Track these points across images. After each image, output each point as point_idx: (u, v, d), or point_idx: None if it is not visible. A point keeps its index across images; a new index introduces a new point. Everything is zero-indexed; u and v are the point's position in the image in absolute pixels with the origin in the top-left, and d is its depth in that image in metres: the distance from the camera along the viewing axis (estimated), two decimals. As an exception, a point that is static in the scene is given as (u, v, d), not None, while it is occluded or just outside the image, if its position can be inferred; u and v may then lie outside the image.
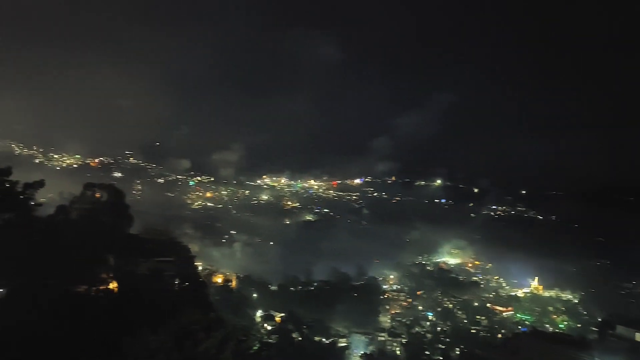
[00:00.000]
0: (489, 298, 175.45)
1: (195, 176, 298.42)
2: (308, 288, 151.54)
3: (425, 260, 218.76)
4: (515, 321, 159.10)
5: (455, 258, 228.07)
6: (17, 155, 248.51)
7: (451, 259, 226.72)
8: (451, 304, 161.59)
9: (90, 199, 65.72)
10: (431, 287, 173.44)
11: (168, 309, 42.95)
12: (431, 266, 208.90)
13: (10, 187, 53.79)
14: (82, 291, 52.21)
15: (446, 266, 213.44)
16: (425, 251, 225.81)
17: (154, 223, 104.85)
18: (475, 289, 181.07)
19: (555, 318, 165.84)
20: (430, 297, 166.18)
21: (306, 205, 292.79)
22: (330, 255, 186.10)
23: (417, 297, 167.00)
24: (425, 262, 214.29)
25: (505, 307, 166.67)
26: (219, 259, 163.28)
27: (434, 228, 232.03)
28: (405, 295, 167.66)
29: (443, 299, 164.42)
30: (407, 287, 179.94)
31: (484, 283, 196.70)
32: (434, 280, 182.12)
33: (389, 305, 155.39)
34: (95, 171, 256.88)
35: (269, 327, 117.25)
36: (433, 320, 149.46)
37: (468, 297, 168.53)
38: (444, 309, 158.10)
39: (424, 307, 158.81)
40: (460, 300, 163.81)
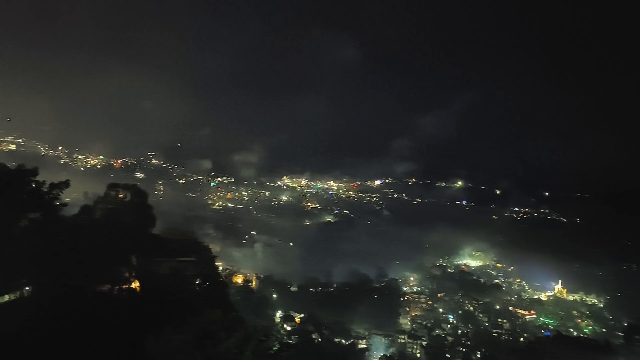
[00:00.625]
0: (511, 301, 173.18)
1: (216, 177, 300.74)
2: (328, 289, 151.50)
3: (446, 262, 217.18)
4: (538, 325, 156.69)
5: (476, 260, 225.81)
6: (43, 156, 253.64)
7: (472, 262, 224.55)
8: (472, 306, 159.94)
9: (114, 199, 66.65)
10: (452, 290, 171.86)
11: (189, 308, 43.35)
12: (452, 268, 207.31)
13: (36, 188, 55.00)
14: (105, 290, 53.01)
15: (467, 268, 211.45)
16: (446, 253, 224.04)
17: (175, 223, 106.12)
18: (497, 292, 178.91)
19: (580, 322, 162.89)
20: (451, 299, 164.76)
21: (326, 206, 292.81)
22: (350, 256, 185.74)
23: (437, 300, 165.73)
24: (446, 264, 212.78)
25: (528, 311, 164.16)
26: (240, 260, 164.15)
27: (455, 230, 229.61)
28: (425, 297, 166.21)
29: (464, 302, 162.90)
30: (428, 289, 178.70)
31: (506, 286, 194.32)
32: (455, 282, 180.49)
33: (409, 307, 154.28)
34: (118, 172, 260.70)
35: (288, 328, 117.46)
36: (454, 323, 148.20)
37: (490, 300, 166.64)
38: (465, 311, 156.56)
39: (445, 310, 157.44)
40: (482, 303, 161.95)
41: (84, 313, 41.57)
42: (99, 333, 40.16)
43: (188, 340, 30.29)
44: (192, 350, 29.58)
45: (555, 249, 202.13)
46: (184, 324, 31.88)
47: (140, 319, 43.82)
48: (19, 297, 46.09)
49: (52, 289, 45.65)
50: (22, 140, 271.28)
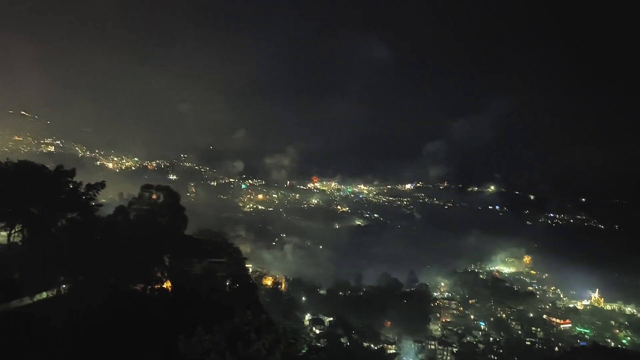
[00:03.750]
0: (545, 309, 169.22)
1: (247, 179, 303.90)
2: (357, 293, 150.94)
3: (478, 268, 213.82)
4: (574, 334, 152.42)
5: (509, 267, 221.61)
6: (81, 158, 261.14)
7: (505, 268, 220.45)
8: (505, 314, 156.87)
9: (148, 200, 67.85)
10: (484, 296, 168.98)
11: (220, 309, 43.63)
12: (484, 274, 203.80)
13: (74, 188, 56.41)
14: (139, 289, 53.95)
15: (500, 275, 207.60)
16: (478, 259, 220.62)
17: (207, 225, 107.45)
18: (531, 300, 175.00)
19: (618, 333, 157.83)
20: (483, 306, 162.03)
21: (356, 209, 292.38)
22: (380, 260, 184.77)
23: (469, 306, 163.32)
24: (478, 270, 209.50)
25: (563, 320, 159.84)
26: (270, 261, 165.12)
27: (488, 235, 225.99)
28: (456, 303, 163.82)
29: (496, 309, 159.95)
30: (459, 295, 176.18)
31: (541, 294, 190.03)
32: (487, 289, 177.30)
33: (440, 313, 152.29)
34: (152, 173, 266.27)
35: (317, 331, 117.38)
36: (485, 330, 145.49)
37: (523, 308, 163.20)
38: (497, 318, 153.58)
39: (476, 316, 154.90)
40: (515, 310, 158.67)
41: (118, 311, 42.35)
42: (132, 331, 40.86)
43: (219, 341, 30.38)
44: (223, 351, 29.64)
45: (592, 256, 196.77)
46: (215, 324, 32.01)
47: (172, 318, 44.37)
48: (56, 294, 47.27)
49: (88, 287, 46.69)
50: (61, 142, 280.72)
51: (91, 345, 38.17)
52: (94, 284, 46.83)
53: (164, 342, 34.62)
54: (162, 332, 39.37)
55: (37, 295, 46.06)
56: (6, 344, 35.59)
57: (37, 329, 38.05)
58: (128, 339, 39.79)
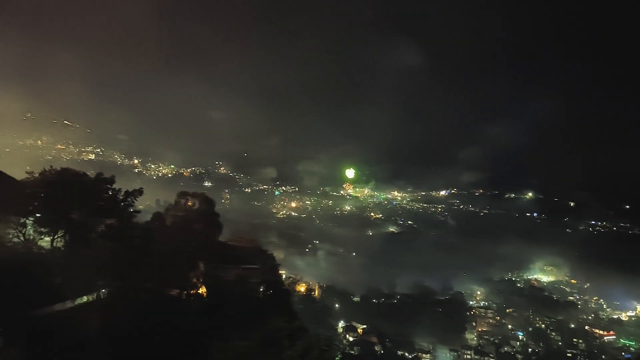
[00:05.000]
0: (587, 320, 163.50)
1: (280, 186, 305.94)
2: (391, 300, 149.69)
3: (515, 276, 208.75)
4: (618, 346, 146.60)
5: (548, 275, 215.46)
6: (119, 165, 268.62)
7: (544, 277, 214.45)
8: (544, 324, 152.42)
9: (184, 206, 69.23)
10: (522, 305, 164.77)
11: (254, 315, 43.92)
12: (522, 283, 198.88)
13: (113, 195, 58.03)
14: (174, 294, 54.79)
15: (538, 284, 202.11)
16: (516, 267, 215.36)
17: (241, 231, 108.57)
18: (572, 310, 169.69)
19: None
20: (521, 315, 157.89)
21: (389, 216, 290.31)
22: (414, 267, 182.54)
23: (506, 315, 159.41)
24: (515, 279, 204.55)
25: (607, 331, 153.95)
26: (303, 268, 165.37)
27: (525, 243, 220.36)
28: (493, 312, 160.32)
29: (535, 318, 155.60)
30: (496, 303, 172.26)
31: (582, 304, 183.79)
32: (524, 298, 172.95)
33: (476, 322, 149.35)
34: (187, 180, 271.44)
35: (351, 339, 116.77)
36: (524, 340, 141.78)
37: (563, 318, 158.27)
38: (535, 328, 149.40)
39: (514, 326, 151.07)
40: (555, 320, 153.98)
41: (155, 316, 43.12)
42: (168, 335, 41.53)
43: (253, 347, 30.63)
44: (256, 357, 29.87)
45: (636, 265, 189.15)
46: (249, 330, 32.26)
47: (207, 323, 44.91)
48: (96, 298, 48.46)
49: (126, 292, 47.71)
50: (100, 150, 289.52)
51: (128, 348, 38.97)
52: (131, 289, 47.82)
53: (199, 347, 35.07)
54: (197, 337, 39.90)
55: (78, 299, 47.36)
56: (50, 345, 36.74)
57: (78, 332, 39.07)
58: (164, 343, 40.46)
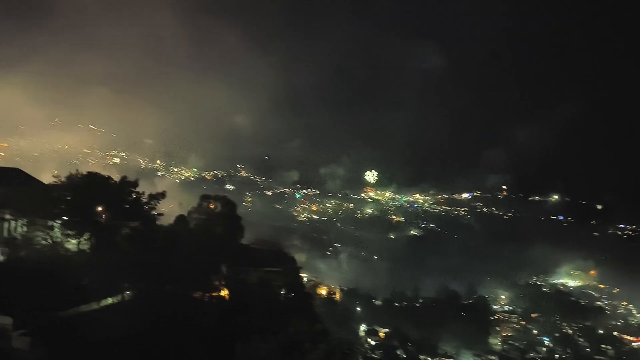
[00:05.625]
0: (616, 326, 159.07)
1: (301, 189, 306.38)
2: (414, 304, 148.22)
3: (541, 281, 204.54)
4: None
5: (575, 280, 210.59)
6: (143, 169, 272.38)
7: (571, 281, 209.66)
8: (571, 329, 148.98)
9: (206, 209, 69.83)
10: (548, 310, 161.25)
11: (276, 318, 43.94)
12: (548, 287, 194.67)
13: (137, 198, 59.02)
14: (197, 297, 55.25)
15: (565, 288, 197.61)
16: (541, 271, 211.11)
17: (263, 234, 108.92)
18: (600, 315, 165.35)
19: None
20: (547, 320, 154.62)
21: (411, 219, 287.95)
22: (437, 271, 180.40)
23: (531, 320, 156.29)
24: (540, 283, 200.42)
25: (636, 337, 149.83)
26: (324, 271, 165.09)
27: (551, 247, 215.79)
28: (518, 317, 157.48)
29: (561, 324, 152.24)
30: (520, 308, 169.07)
31: (610, 309, 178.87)
32: (550, 302, 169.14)
33: (500, 327, 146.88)
34: (209, 183, 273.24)
35: (372, 342, 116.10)
36: (550, 347, 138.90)
37: (591, 324, 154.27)
38: (562, 334, 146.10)
39: (540, 332, 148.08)
40: (582, 326, 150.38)
41: (177, 318, 43.49)
42: (191, 338, 41.82)
43: (275, 350, 30.59)
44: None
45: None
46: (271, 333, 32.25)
47: (229, 326, 45.09)
48: (120, 300, 49.18)
49: (149, 294, 48.28)
50: (125, 154, 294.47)
51: (152, 350, 39.35)
52: (154, 291, 48.37)
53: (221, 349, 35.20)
54: (219, 339, 40.08)
55: (103, 300, 48.14)
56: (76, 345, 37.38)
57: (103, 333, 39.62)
58: (187, 345, 40.75)
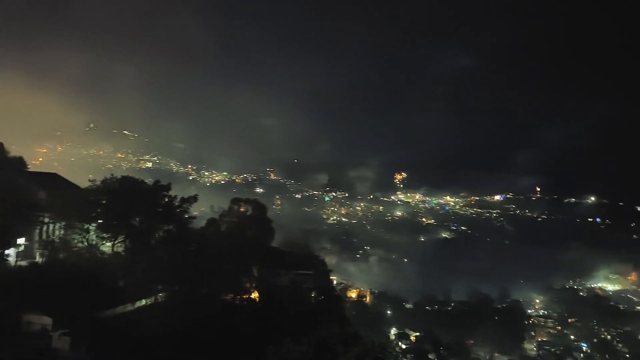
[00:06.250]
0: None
1: (330, 192, 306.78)
2: (445, 308, 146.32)
3: (578, 284, 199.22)
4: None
5: (614, 284, 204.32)
6: (175, 173, 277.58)
7: (609, 285, 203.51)
8: (610, 335, 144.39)
9: (237, 212, 70.55)
10: (585, 315, 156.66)
11: (307, 320, 44.01)
12: (584, 292, 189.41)
13: (170, 202, 59.96)
14: (229, 299, 55.80)
15: (603, 292, 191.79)
16: (578, 275, 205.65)
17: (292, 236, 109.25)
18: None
19: None
20: (584, 325, 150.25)
21: (442, 222, 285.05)
22: (468, 274, 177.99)
23: (567, 325, 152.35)
24: (577, 287, 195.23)
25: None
26: (354, 274, 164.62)
27: (588, 250, 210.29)
28: (553, 321, 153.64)
29: (599, 329, 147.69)
30: (556, 313, 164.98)
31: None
32: (588, 307, 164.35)
33: (535, 332, 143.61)
34: (240, 187, 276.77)
35: (404, 346, 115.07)
36: (588, 352, 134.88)
37: (631, 329, 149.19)
38: (600, 340, 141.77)
39: (577, 337, 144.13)
40: (621, 331, 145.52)
41: (210, 319, 44.04)
42: (223, 339, 42.29)
43: (306, 352, 30.58)
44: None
45: None
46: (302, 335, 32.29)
47: (260, 328, 45.40)
48: (154, 302, 50.04)
49: (182, 295, 48.99)
50: (157, 159, 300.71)
51: (185, 350, 39.96)
52: (187, 293, 49.05)
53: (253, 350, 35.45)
54: (250, 341, 40.40)
55: (138, 302, 49.08)
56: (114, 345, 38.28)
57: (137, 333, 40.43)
58: (219, 346, 41.22)
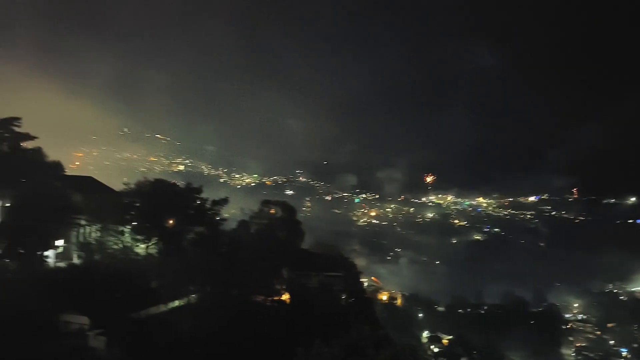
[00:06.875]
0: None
1: (360, 193, 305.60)
2: (478, 311, 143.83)
3: (617, 288, 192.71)
4: None
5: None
6: (206, 175, 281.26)
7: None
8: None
9: (267, 214, 71.10)
10: (625, 320, 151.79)
11: (337, 322, 43.76)
12: (625, 295, 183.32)
13: (201, 204, 60.84)
14: (259, 300, 56.07)
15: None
16: (617, 278, 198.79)
17: (322, 238, 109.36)
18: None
19: None
20: (625, 330, 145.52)
21: (474, 223, 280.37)
22: (502, 277, 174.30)
23: (607, 330, 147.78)
24: (617, 291, 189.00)
25: None
26: (385, 276, 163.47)
27: (628, 252, 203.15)
28: (592, 326, 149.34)
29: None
30: (595, 317, 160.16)
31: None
32: (628, 311, 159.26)
33: (573, 337, 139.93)
34: (269, 189, 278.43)
35: (436, 350, 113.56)
36: (628, 358, 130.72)
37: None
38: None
39: (617, 342, 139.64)
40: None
41: (241, 321, 44.31)
42: (254, 340, 42.45)
43: (337, 355, 30.35)
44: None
45: None
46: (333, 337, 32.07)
47: (290, 330, 45.39)
48: (186, 303, 50.69)
49: (214, 297, 49.47)
50: (189, 162, 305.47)
51: (216, 352, 40.25)
52: (219, 294, 49.50)
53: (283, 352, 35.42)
54: (281, 343, 40.39)
55: (171, 303, 49.79)
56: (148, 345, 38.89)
57: (170, 334, 40.96)
58: (250, 347, 41.38)
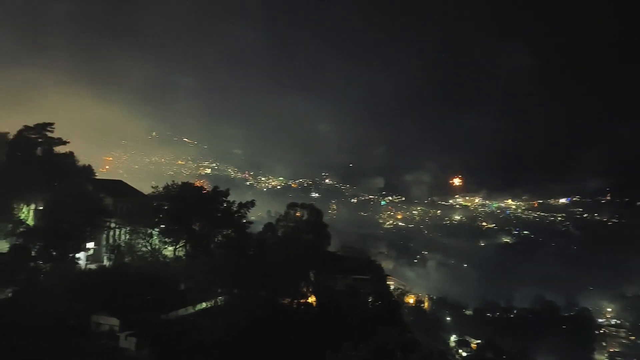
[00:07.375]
0: None
1: (386, 196, 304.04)
2: (508, 315, 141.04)
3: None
4: None
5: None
6: (233, 179, 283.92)
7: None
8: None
9: (293, 217, 71.38)
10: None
11: (365, 325, 43.64)
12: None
13: (228, 207, 61.51)
14: (286, 303, 56.32)
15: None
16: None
17: (349, 241, 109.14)
18: None
19: None
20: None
21: (503, 226, 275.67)
22: (532, 280, 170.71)
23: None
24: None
25: None
26: (412, 279, 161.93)
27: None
28: (626, 331, 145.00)
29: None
30: (629, 322, 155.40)
31: None
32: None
33: (606, 342, 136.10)
34: (295, 192, 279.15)
35: (464, 354, 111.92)
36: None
37: None
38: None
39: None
40: None
41: (268, 322, 44.54)
42: (281, 342, 42.61)
43: (365, 357, 30.29)
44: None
45: None
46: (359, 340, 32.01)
47: (318, 332, 45.44)
48: (214, 305, 51.25)
49: (241, 299, 49.88)
50: (216, 165, 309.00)
51: (244, 353, 40.53)
52: (246, 296, 49.88)
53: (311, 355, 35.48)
54: (309, 345, 40.48)
55: (198, 305, 50.43)
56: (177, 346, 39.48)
57: (198, 336, 41.49)
58: (277, 349, 41.55)
